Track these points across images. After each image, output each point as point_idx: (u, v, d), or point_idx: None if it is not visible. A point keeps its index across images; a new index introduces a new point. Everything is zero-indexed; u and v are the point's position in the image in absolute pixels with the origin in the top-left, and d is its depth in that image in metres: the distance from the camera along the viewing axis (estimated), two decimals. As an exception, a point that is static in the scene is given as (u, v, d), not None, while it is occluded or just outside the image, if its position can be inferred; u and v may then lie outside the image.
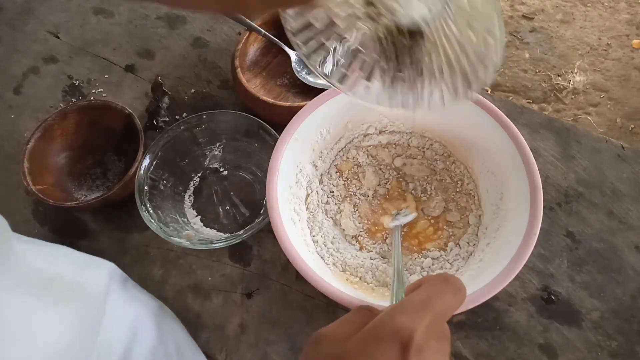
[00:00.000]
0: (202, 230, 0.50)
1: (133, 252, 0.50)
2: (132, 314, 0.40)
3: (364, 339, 0.23)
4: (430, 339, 0.23)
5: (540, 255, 0.48)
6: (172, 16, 0.65)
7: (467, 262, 0.44)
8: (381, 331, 0.23)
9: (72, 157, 0.54)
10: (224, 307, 0.47)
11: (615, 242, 0.49)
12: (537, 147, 0.54)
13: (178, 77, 0.61)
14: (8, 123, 0.59)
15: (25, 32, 0.66)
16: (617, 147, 0.54)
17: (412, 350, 0.22)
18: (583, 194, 0.51)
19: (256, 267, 0.49)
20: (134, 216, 0.48)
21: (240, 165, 0.54)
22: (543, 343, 0.45)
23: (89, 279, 0.38)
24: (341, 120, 0.48)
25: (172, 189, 0.51)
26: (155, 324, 0.41)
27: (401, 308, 0.24)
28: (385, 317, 0.24)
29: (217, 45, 0.63)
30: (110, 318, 0.37)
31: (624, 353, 0.44)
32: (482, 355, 0.44)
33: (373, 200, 0.49)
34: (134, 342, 0.38)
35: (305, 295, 0.47)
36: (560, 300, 0.46)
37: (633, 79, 1.30)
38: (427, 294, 0.24)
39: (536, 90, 1.28)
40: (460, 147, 0.48)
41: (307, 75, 0.58)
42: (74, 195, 0.53)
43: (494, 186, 0.45)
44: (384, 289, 0.43)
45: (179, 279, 0.49)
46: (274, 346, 0.45)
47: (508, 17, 1.40)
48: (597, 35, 1.37)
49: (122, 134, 0.52)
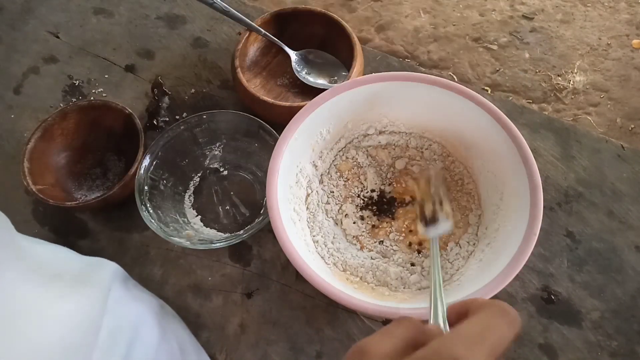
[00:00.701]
0: (202, 230, 0.50)
1: (133, 252, 0.50)
2: (134, 312, 0.40)
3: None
4: None
5: (540, 255, 0.48)
6: (172, 16, 0.65)
7: (467, 262, 0.44)
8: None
9: (72, 157, 0.54)
10: (224, 307, 0.47)
11: (615, 242, 0.49)
12: (537, 147, 0.54)
13: (178, 77, 0.61)
14: (8, 123, 0.59)
15: (25, 32, 0.66)
16: (617, 147, 0.54)
17: None
18: (583, 194, 0.51)
19: (256, 267, 0.49)
20: (134, 216, 0.48)
21: (240, 165, 0.54)
22: (543, 343, 0.45)
23: (91, 276, 0.38)
24: (341, 120, 0.48)
25: (172, 189, 0.51)
26: (158, 322, 0.41)
27: (458, 338, 0.22)
28: (441, 345, 0.22)
29: (217, 45, 0.63)
30: (113, 316, 0.37)
31: (624, 353, 0.44)
32: (482, 355, 0.44)
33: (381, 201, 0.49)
34: (136, 340, 0.38)
35: (305, 295, 0.47)
36: (560, 300, 0.46)
37: (633, 79, 1.30)
38: (484, 325, 0.23)
39: (536, 90, 1.28)
40: (460, 147, 0.48)
41: (307, 75, 0.58)
42: (74, 195, 0.53)
43: (494, 186, 0.45)
44: (384, 289, 0.43)
45: (179, 279, 0.49)
46: (274, 346, 0.45)
47: (508, 17, 1.39)
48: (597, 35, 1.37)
49: (122, 134, 0.53)
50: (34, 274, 0.33)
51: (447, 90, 0.44)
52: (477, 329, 0.23)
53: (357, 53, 0.54)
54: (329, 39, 0.58)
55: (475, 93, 0.43)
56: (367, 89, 0.45)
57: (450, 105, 0.44)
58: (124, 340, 0.37)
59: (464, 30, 1.38)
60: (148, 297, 0.44)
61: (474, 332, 0.22)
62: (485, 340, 0.22)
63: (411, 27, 1.39)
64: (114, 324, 0.36)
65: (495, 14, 1.41)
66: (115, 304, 0.38)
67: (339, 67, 0.58)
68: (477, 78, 1.31)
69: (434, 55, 1.34)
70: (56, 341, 0.30)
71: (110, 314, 0.36)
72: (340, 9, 1.45)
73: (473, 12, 1.41)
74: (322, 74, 0.58)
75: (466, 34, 1.37)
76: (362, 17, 1.42)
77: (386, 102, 0.47)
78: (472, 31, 1.38)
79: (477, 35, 1.37)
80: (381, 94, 0.46)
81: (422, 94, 0.45)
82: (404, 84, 0.45)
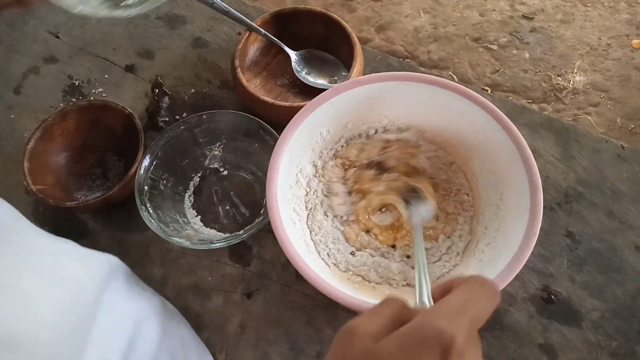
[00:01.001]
0: (202, 230, 0.50)
1: (133, 252, 0.50)
2: (135, 308, 0.40)
3: (402, 339, 0.22)
4: (469, 344, 0.22)
5: (540, 255, 0.48)
6: (172, 16, 0.65)
7: (467, 262, 0.44)
8: (421, 333, 0.22)
9: (72, 157, 0.54)
10: (224, 307, 0.47)
11: (615, 242, 0.49)
12: (537, 147, 0.54)
13: (178, 77, 0.61)
14: (8, 123, 0.59)
15: (25, 32, 0.66)
16: (617, 147, 0.54)
17: (454, 355, 0.21)
18: (583, 194, 0.51)
19: (256, 267, 0.49)
20: (134, 216, 0.48)
21: (240, 165, 0.54)
22: (543, 343, 0.45)
23: (87, 267, 0.37)
24: (341, 120, 0.48)
25: (172, 189, 0.51)
26: (160, 319, 0.41)
27: (440, 311, 0.23)
28: (424, 319, 0.23)
29: (217, 45, 0.63)
30: (112, 312, 0.36)
31: (624, 353, 0.44)
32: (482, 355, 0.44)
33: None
34: (137, 336, 0.37)
35: (305, 295, 0.47)
36: (560, 300, 0.46)
37: (633, 79, 1.30)
38: (465, 298, 0.24)
39: (536, 90, 1.28)
40: (460, 147, 0.48)
41: (307, 75, 0.58)
42: (74, 195, 0.53)
43: (494, 186, 0.45)
44: (385, 287, 0.43)
45: (179, 279, 0.49)
46: (274, 346, 0.45)
47: (508, 17, 1.39)
48: (597, 35, 1.37)
49: (122, 134, 0.53)
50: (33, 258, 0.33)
51: (447, 90, 0.44)
52: (458, 301, 0.24)
53: (357, 53, 0.54)
54: (329, 39, 0.58)
55: (475, 93, 0.43)
56: (367, 89, 0.45)
57: (450, 105, 0.44)
58: (125, 336, 0.36)
59: (464, 30, 1.38)
60: (150, 294, 0.44)
61: (455, 304, 0.23)
62: (466, 311, 0.23)
63: (411, 27, 1.39)
64: (114, 321, 0.36)
65: (495, 14, 1.41)
66: (116, 301, 0.38)
67: (339, 67, 0.58)
68: (477, 78, 1.31)
69: (434, 55, 1.34)
70: (47, 329, 0.30)
71: (110, 310, 0.36)
72: (340, 9, 1.45)
73: (473, 12, 1.41)
74: (322, 74, 0.58)
75: (466, 34, 1.37)
76: (362, 17, 1.42)
77: (386, 102, 0.47)
78: (472, 31, 1.38)
79: (477, 35, 1.37)
80: (381, 94, 0.46)
81: (422, 94, 0.45)
82: (404, 84, 0.45)
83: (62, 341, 0.31)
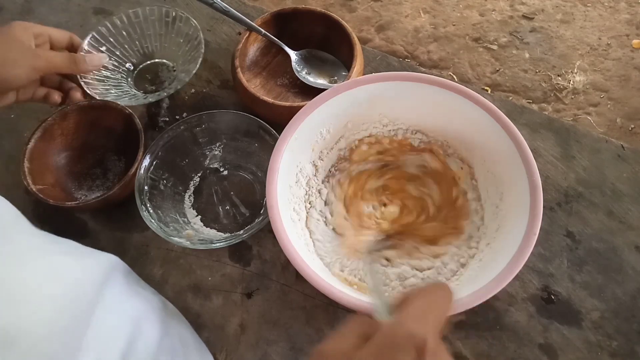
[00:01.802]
0: (202, 230, 0.50)
1: (133, 252, 0.50)
2: (135, 307, 0.40)
3: (377, 348, 0.23)
4: (439, 342, 0.24)
5: (540, 255, 0.48)
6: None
7: (467, 262, 0.44)
8: (394, 339, 0.23)
9: (72, 157, 0.54)
10: (224, 307, 0.47)
11: (615, 242, 0.49)
12: (537, 147, 0.54)
13: (178, 77, 0.61)
14: (8, 123, 0.59)
15: (25, 32, 0.65)
16: (617, 147, 0.54)
17: (428, 355, 0.23)
18: (583, 194, 0.51)
19: (256, 267, 0.49)
20: (134, 216, 0.48)
21: (240, 165, 0.54)
22: (543, 343, 0.45)
23: (85, 266, 0.37)
24: (341, 120, 0.48)
25: (172, 189, 0.51)
26: (160, 318, 0.41)
27: (408, 316, 0.25)
28: (394, 326, 0.25)
29: (217, 45, 0.63)
30: (112, 311, 0.36)
31: (624, 353, 0.44)
32: (482, 355, 0.44)
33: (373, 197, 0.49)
34: (137, 335, 0.37)
35: (305, 295, 0.47)
36: (560, 300, 0.46)
37: (633, 79, 1.30)
38: (427, 302, 0.26)
39: (536, 90, 1.28)
40: (460, 148, 0.48)
41: (307, 75, 0.58)
42: (74, 195, 0.53)
43: (494, 186, 0.45)
44: (384, 287, 0.43)
45: (179, 279, 0.49)
46: (274, 346, 0.45)
47: (508, 17, 1.39)
48: (597, 35, 1.37)
49: (122, 134, 0.53)
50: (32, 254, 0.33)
51: (447, 90, 0.44)
52: (420, 306, 0.26)
53: (357, 53, 0.54)
54: (329, 39, 0.58)
55: (475, 93, 0.43)
56: (367, 89, 0.45)
57: (450, 105, 0.44)
58: (124, 335, 0.36)
59: (464, 30, 1.38)
60: (150, 294, 0.44)
61: (419, 309, 0.26)
62: (430, 314, 0.25)
63: (411, 27, 1.39)
64: (113, 320, 0.36)
65: (495, 14, 1.41)
66: (115, 300, 0.38)
67: (339, 67, 0.58)
68: (477, 78, 1.31)
69: (434, 55, 1.34)
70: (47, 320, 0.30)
71: (110, 309, 0.36)
72: (340, 9, 1.45)
73: (473, 12, 1.41)
74: (322, 74, 0.58)
75: (466, 34, 1.37)
76: (362, 17, 1.42)
77: (386, 102, 0.47)
78: (472, 31, 1.38)
79: (477, 35, 1.37)
80: (381, 94, 0.46)
81: (422, 94, 0.45)
82: (404, 84, 0.45)
83: (58, 338, 0.31)
